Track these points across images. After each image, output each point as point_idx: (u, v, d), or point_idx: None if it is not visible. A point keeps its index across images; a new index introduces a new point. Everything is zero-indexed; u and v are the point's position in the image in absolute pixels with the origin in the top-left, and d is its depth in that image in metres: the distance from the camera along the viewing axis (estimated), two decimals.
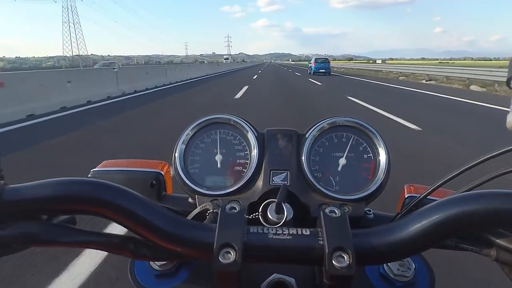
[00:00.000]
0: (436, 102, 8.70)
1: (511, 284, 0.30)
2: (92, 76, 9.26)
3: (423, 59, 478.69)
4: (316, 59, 24.60)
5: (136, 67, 17.44)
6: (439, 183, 0.35)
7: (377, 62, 75.10)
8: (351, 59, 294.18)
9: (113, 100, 8.64)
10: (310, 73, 24.60)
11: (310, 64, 25.83)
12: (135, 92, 10.49)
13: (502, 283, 0.37)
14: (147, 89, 11.46)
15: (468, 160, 0.34)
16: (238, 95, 9.61)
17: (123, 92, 9.97)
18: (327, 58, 25.03)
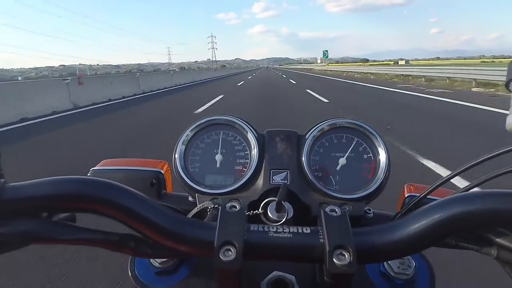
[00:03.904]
0: None
1: None
2: None
3: (438, 58, 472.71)
4: None
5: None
6: (438, 183, 0.37)
7: (399, 63, 70.10)
8: (366, 61, 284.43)
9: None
10: None
11: None
12: None
13: (503, 281, 0.38)
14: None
15: None
16: None
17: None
18: None
